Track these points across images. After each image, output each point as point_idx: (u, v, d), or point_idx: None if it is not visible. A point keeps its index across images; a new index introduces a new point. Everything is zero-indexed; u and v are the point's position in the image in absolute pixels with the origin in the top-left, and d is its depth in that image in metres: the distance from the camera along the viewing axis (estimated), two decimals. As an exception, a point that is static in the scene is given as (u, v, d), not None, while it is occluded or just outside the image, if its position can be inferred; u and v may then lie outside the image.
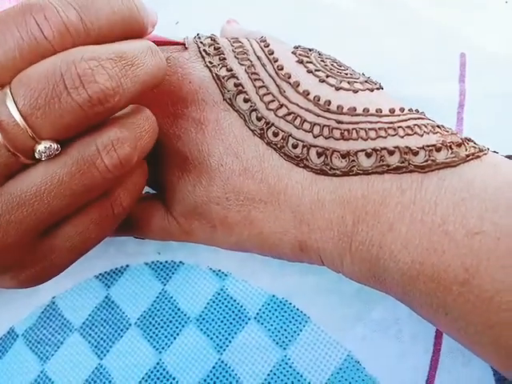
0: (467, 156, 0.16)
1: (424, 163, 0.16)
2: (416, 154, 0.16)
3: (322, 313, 0.23)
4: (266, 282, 0.24)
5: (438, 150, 0.16)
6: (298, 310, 0.24)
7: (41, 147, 0.15)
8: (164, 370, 0.23)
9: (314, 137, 0.18)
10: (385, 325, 0.23)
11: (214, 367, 0.23)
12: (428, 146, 0.17)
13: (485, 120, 0.26)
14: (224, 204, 0.19)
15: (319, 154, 0.17)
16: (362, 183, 0.17)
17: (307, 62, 0.19)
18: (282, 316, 0.24)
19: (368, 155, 0.17)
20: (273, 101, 0.18)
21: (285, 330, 0.23)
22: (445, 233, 0.15)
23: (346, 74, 0.19)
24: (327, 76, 0.19)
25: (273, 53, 0.19)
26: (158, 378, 0.23)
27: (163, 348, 0.24)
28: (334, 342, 0.23)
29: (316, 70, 0.19)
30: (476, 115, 0.26)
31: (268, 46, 0.20)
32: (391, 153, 0.17)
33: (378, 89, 0.19)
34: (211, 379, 0.23)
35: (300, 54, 0.20)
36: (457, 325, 0.16)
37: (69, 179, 0.15)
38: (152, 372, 0.23)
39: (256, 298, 0.24)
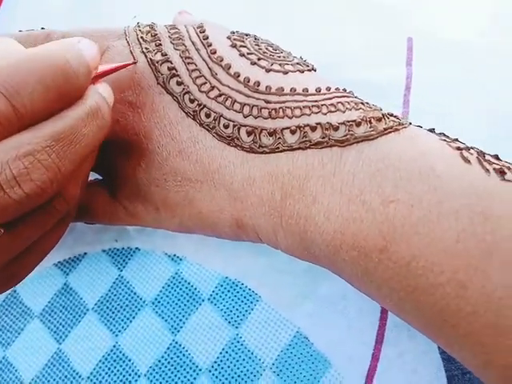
0: (385, 129, 0.17)
1: (343, 137, 0.17)
2: (336, 129, 0.17)
3: (273, 292, 0.24)
4: (220, 265, 0.25)
5: (358, 124, 0.17)
6: (249, 290, 0.24)
7: None
8: (120, 352, 0.24)
9: (244, 117, 0.18)
10: (332, 301, 0.23)
11: (168, 348, 0.24)
12: (348, 122, 0.17)
13: (430, 102, 0.26)
14: (163, 185, 0.20)
15: (249, 133, 0.18)
16: (288, 159, 0.17)
17: (241, 46, 0.20)
18: (235, 296, 0.24)
19: (292, 132, 0.18)
20: (205, 83, 0.19)
21: (237, 309, 0.24)
22: (362, 202, 0.16)
23: (279, 57, 0.20)
24: (259, 59, 0.19)
25: (207, 38, 0.20)
26: (115, 361, 0.24)
27: (120, 331, 0.24)
28: (284, 319, 0.23)
29: (248, 54, 0.20)
30: (422, 98, 0.26)
31: (204, 32, 0.20)
32: (313, 129, 0.17)
33: (309, 70, 0.20)
34: (165, 359, 0.23)
35: (235, 39, 0.20)
36: (382, 293, 0.17)
37: (28, 230, 0.16)
38: (109, 355, 0.24)
39: (210, 280, 0.25)
